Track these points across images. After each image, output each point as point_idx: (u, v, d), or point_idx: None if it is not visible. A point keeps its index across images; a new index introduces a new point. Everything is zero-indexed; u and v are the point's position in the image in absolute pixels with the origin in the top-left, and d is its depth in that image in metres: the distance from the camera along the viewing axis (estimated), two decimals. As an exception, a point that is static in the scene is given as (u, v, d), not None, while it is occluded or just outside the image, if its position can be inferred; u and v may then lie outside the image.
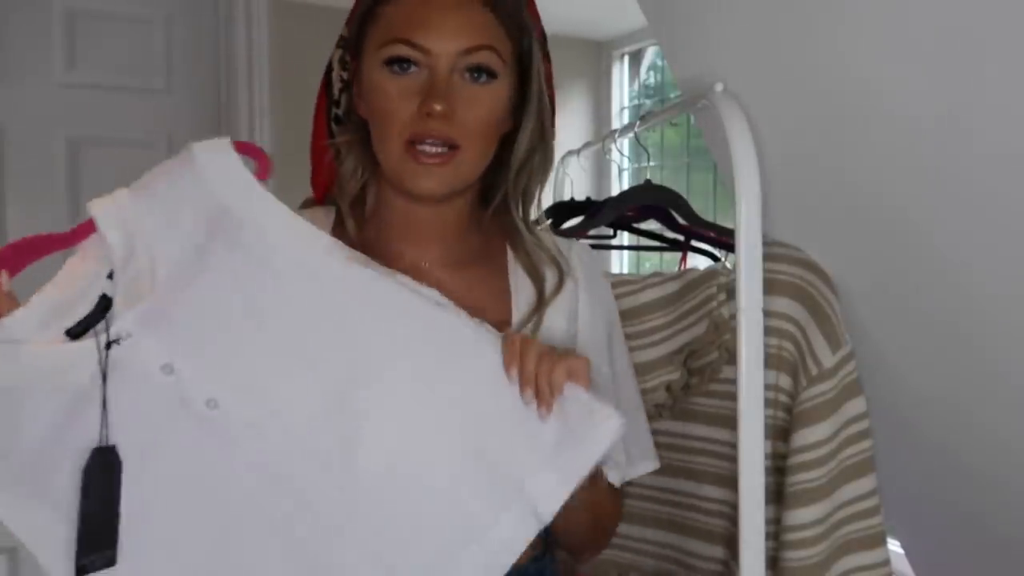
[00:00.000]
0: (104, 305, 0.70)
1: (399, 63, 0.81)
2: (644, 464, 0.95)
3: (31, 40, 2.24)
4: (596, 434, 0.72)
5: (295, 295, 0.74)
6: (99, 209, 0.72)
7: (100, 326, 0.70)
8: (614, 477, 0.89)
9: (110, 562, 0.69)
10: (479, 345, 0.75)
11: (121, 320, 0.70)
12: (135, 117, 2.37)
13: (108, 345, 0.69)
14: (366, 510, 0.72)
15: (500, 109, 0.84)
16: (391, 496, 0.72)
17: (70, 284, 0.71)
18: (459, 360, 0.75)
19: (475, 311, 0.86)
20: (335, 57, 0.91)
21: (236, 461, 0.71)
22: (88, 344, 0.69)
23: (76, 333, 0.70)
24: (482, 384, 0.74)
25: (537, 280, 0.89)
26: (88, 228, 0.73)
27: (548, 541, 0.92)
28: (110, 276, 0.71)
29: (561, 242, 0.94)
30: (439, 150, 0.80)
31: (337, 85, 0.92)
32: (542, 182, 0.92)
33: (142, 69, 2.40)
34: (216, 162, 0.75)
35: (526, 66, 0.87)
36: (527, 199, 0.91)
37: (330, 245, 0.76)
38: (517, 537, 0.72)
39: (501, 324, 0.86)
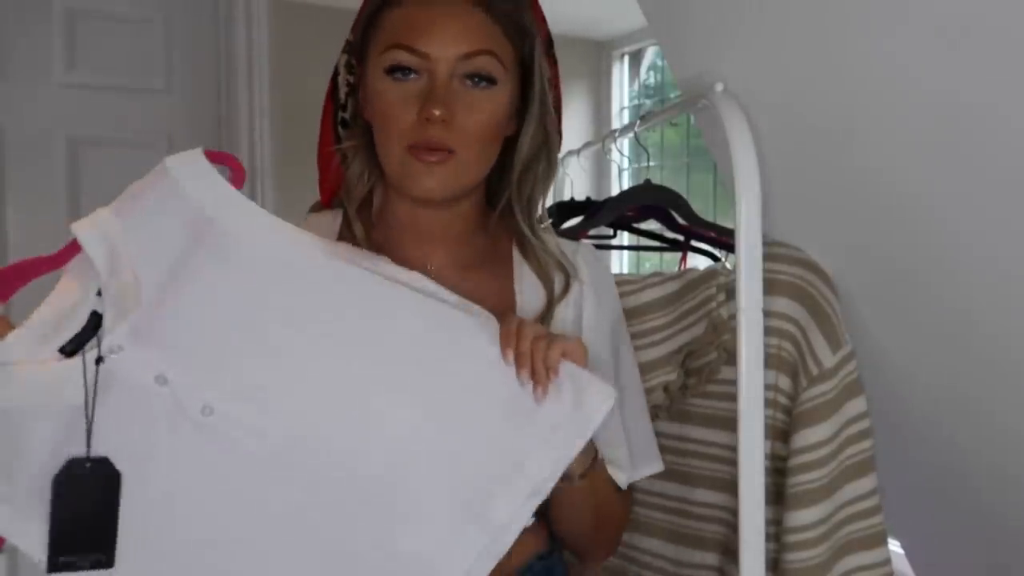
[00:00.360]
0: (95, 322, 0.71)
1: (400, 70, 0.81)
2: (648, 466, 0.95)
3: (31, 40, 2.24)
4: (589, 408, 0.74)
5: (283, 296, 0.75)
6: (82, 229, 0.73)
7: (92, 343, 0.71)
8: (620, 479, 0.89)
9: (102, 564, 0.70)
10: (473, 329, 0.76)
11: (112, 335, 0.71)
12: (135, 117, 2.37)
13: (98, 361, 0.71)
14: (372, 495, 0.73)
15: (500, 113, 0.84)
16: (394, 480, 0.73)
17: (60, 304, 0.72)
18: (454, 345, 0.76)
19: None
20: (341, 62, 0.91)
21: (238, 462, 0.72)
22: (76, 363, 0.70)
23: (69, 351, 0.71)
24: (478, 367, 0.75)
25: (547, 283, 0.89)
26: (73, 249, 0.74)
27: (555, 539, 0.92)
28: (99, 294, 0.72)
29: (567, 244, 0.94)
30: (436, 146, 0.80)
31: (343, 89, 0.92)
32: (546, 186, 0.91)
33: (142, 69, 2.40)
34: (190, 173, 0.76)
35: (528, 70, 0.87)
36: (532, 203, 0.91)
37: (312, 243, 0.78)
38: (517, 518, 0.73)
39: None
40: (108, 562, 0.70)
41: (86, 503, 0.70)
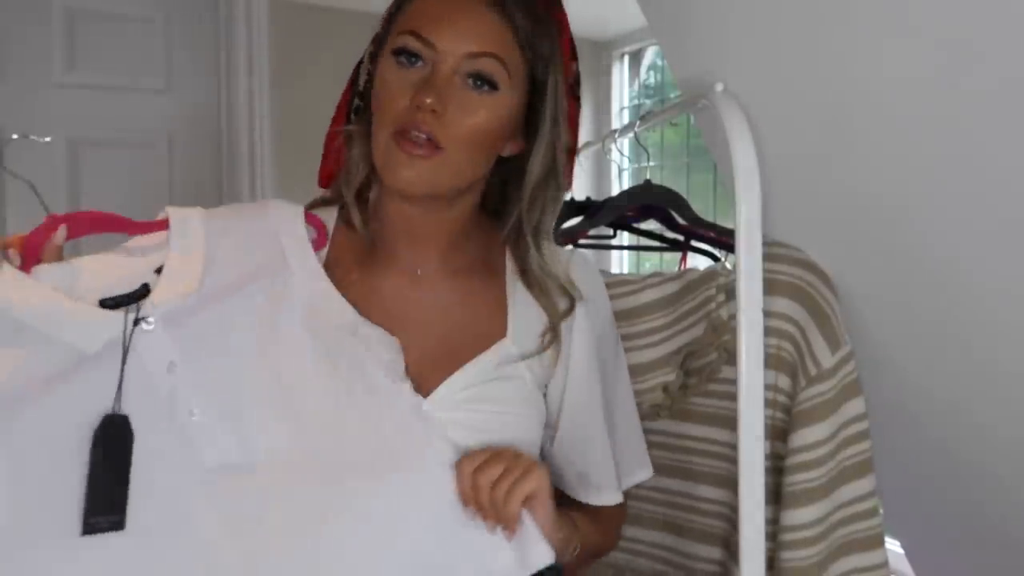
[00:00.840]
0: (142, 292, 0.75)
1: (406, 55, 0.81)
2: (640, 472, 0.97)
3: (31, 40, 2.24)
4: (527, 560, 0.76)
5: (296, 353, 0.78)
6: (174, 213, 0.80)
7: (131, 307, 0.74)
8: (608, 499, 0.92)
9: (116, 526, 0.71)
10: (436, 463, 0.78)
11: (152, 308, 0.74)
12: (135, 117, 2.38)
13: (136, 321, 0.73)
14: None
15: (496, 121, 0.83)
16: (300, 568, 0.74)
17: (119, 265, 0.77)
18: (416, 467, 0.78)
19: (470, 322, 0.87)
20: (367, 52, 0.92)
21: (198, 473, 0.74)
22: (114, 315, 0.72)
23: (109, 306, 0.73)
24: (428, 492, 0.77)
25: (550, 310, 0.89)
26: (156, 225, 0.79)
27: None
28: (158, 271, 0.76)
29: (561, 253, 0.94)
30: (423, 139, 0.79)
31: (363, 78, 0.92)
32: (555, 212, 0.91)
33: (142, 69, 2.40)
34: (285, 218, 0.84)
35: (540, 92, 0.87)
36: (540, 229, 0.90)
37: (347, 324, 0.81)
38: None
39: (495, 336, 0.87)
40: (121, 523, 0.71)
41: (109, 461, 0.71)
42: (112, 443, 0.71)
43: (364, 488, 0.76)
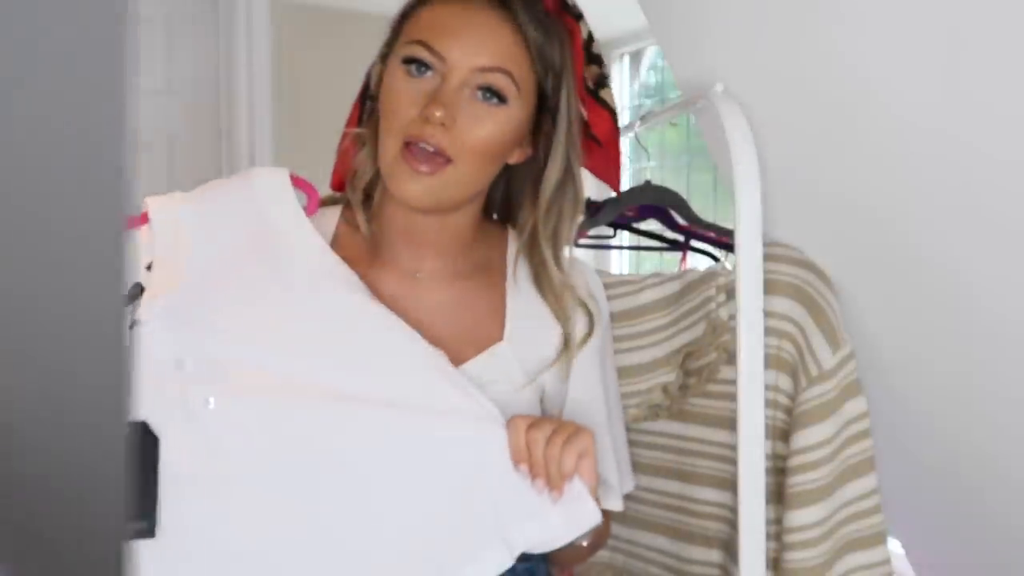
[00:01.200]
0: (135, 293, 0.74)
1: (416, 64, 0.81)
2: (628, 483, 0.98)
3: (31, 40, 2.24)
4: (574, 521, 0.76)
5: (309, 321, 0.77)
6: (154, 205, 0.77)
7: (127, 311, 0.73)
8: (613, 503, 0.91)
9: (144, 533, 0.70)
10: (479, 418, 0.77)
11: (146, 308, 0.73)
12: (135, 117, 2.37)
13: (131, 325, 0.72)
14: (326, 546, 0.74)
15: (504, 133, 0.83)
16: (349, 539, 0.74)
17: None
18: (456, 424, 0.77)
19: (467, 325, 0.87)
20: (380, 54, 0.92)
21: (224, 461, 0.74)
22: None
23: None
24: (471, 450, 0.76)
25: (564, 322, 0.89)
26: (140, 221, 0.78)
27: None
28: (148, 268, 0.75)
29: (575, 264, 0.94)
30: (431, 151, 0.79)
31: (375, 80, 0.92)
32: (574, 218, 0.90)
33: (142, 69, 2.40)
34: (271, 187, 0.82)
35: (553, 104, 0.86)
36: (557, 237, 0.89)
37: (356, 285, 0.80)
38: None
39: (492, 340, 0.87)
40: (150, 531, 0.71)
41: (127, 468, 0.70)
42: (136, 450, 0.71)
43: (409, 443, 0.75)
